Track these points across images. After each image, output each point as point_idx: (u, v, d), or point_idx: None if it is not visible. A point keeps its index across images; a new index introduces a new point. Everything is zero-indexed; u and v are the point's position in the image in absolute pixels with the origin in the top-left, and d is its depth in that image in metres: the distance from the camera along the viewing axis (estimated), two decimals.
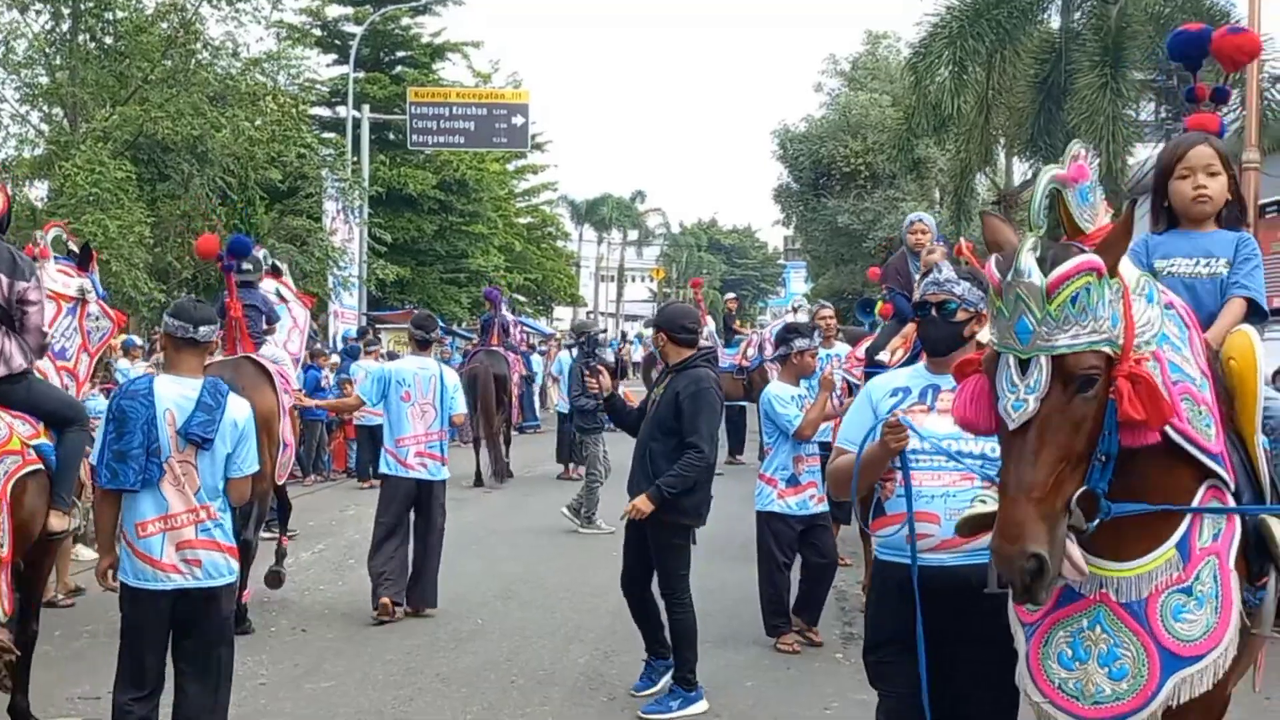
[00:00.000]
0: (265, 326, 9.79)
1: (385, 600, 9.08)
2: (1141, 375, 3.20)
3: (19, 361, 6.10)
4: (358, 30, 34.27)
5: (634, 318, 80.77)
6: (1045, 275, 3.18)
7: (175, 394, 5.51)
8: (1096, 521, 3.29)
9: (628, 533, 7.41)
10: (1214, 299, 4.05)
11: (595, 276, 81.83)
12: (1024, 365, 3.23)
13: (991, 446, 3.92)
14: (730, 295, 28.71)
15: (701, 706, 7.12)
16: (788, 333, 9.11)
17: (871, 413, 4.58)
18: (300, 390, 10.35)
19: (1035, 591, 3.19)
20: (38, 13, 22.58)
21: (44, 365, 6.70)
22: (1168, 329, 3.47)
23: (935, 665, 4.22)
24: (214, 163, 22.47)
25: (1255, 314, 4.07)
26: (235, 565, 5.66)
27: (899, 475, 4.41)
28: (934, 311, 4.62)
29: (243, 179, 23.88)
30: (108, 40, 22.98)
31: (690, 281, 26.50)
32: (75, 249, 7.60)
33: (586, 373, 7.83)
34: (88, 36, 22.65)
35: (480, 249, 38.08)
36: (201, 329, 5.64)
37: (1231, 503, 3.53)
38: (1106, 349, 3.22)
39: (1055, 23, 23.35)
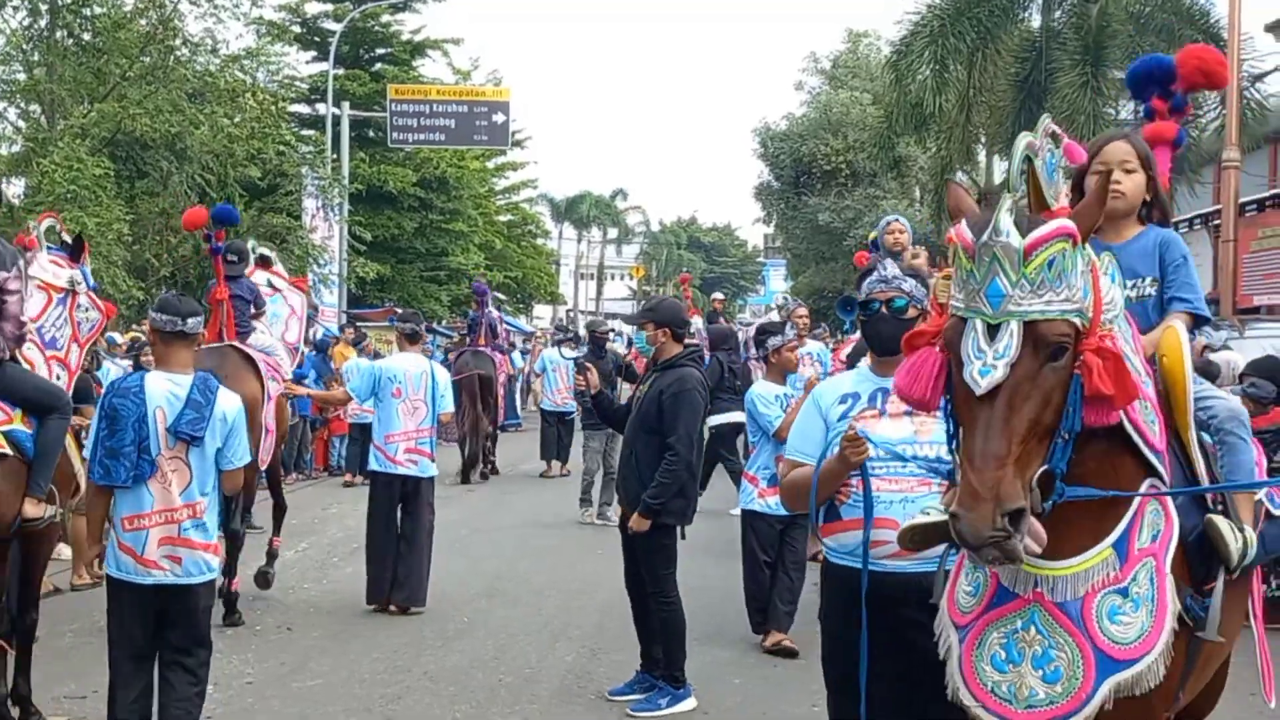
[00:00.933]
0: (253, 313, 9.79)
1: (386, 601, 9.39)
2: (1110, 350, 3.12)
3: None
4: (337, 27, 34.09)
5: (613, 315, 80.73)
6: (1023, 237, 3.09)
7: (166, 391, 5.57)
8: (1050, 504, 3.18)
9: (624, 532, 7.42)
10: (1145, 319, 3.89)
11: (575, 274, 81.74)
12: (992, 331, 3.10)
13: (946, 449, 3.73)
14: (717, 295, 28.74)
15: (690, 704, 7.12)
16: (761, 333, 9.17)
17: (821, 421, 4.52)
18: (290, 380, 10.29)
19: (1015, 550, 3.03)
20: (15, 9, 22.43)
21: (34, 355, 6.72)
22: (1120, 319, 3.43)
23: (898, 674, 4.18)
24: (193, 160, 22.34)
25: (1198, 322, 4.01)
26: (215, 562, 5.74)
27: (854, 481, 4.35)
28: (883, 309, 4.56)
29: (222, 176, 23.74)
30: (85, 36, 22.80)
31: (680, 277, 26.46)
32: (68, 240, 7.61)
33: (577, 371, 7.78)
34: (65, 33, 22.48)
35: (460, 247, 37.93)
36: (189, 321, 5.69)
37: (1171, 507, 3.46)
38: (1077, 320, 3.13)
39: (1036, 21, 23.48)
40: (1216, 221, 18.84)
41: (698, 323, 19.17)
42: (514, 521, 13.99)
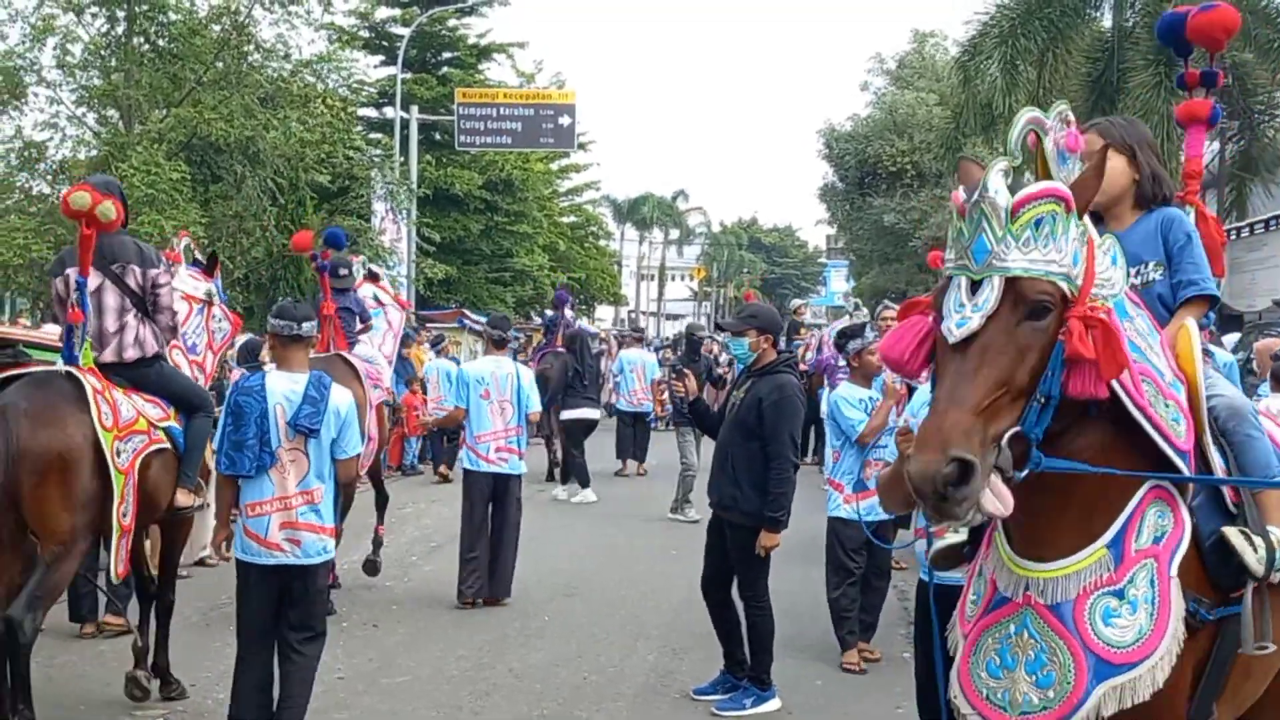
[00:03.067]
0: (359, 327, 10.20)
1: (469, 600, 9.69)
2: (1097, 320, 3.05)
3: (152, 345, 6.83)
4: (405, 32, 34.45)
5: (675, 316, 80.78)
6: (1012, 196, 3.09)
7: (285, 388, 6.14)
8: (1025, 472, 3.08)
9: (710, 537, 7.47)
10: (1154, 305, 3.76)
11: (636, 276, 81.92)
12: (975, 287, 3.10)
13: None
14: (798, 302, 28.73)
15: (774, 704, 7.19)
16: (842, 336, 9.11)
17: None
18: (393, 391, 10.87)
19: (952, 505, 2.92)
20: (94, 16, 22.85)
21: (178, 359, 7.36)
22: (1135, 319, 3.37)
23: None
24: (265, 164, 22.65)
25: (1211, 304, 3.90)
26: (332, 545, 6.26)
27: None
28: None
29: (293, 180, 24.09)
30: (161, 43, 23.11)
31: (744, 295, 26.58)
32: (201, 258, 8.26)
33: (674, 376, 7.83)
34: (142, 39, 22.82)
35: (525, 248, 38.22)
36: (304, 325, 6.29)
37: (1183, 509, 3.37)
38: (1063, 284, 3.09)
39: (1108, 21, 23.25)
40: None
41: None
42: (590, 520, 14.11)
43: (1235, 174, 23.68)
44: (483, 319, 28.30)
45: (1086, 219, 3.21)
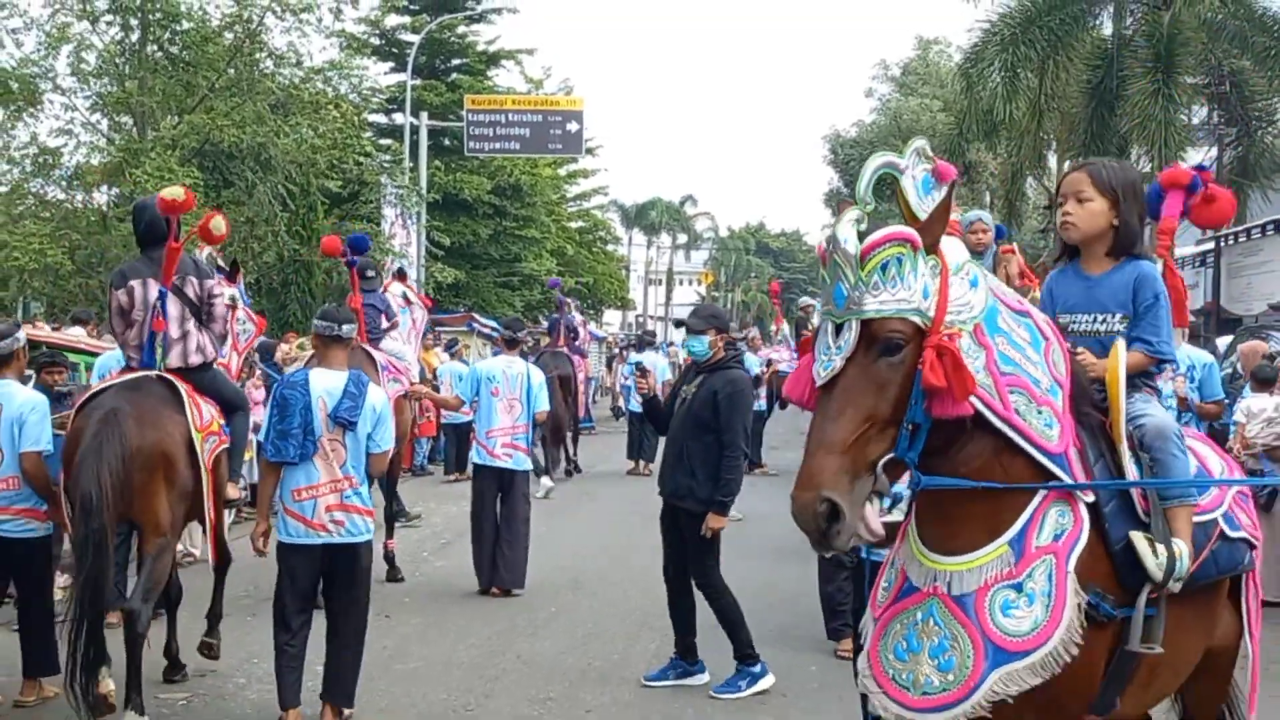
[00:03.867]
0: (385, 324, 10.68)
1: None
2: (948, 348, 3.28)
3: (210, 351, 7.41)
4: (415, 39, 34.77)
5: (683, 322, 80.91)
6: (859, 244, 3.35)
7: (326, 384, 6.70)
8: (907, 491, 3.42)
9: (664, 525, 7.81)
10: (1105, 353, 3.99)
11: (644, 280, 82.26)
12: (838, 330, 3.37)
13: None
14: (807, 300, 29.08)
15: (769, 680, 7.49)
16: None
17: None
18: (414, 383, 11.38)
19: (830, 538, 3.24)
20: (108, 24, 23.16)
21: None
22: (1015, 330, 3.57)
23: None
24: (277, 170, 22.96)
25: (1159, 364, 4.10)
26: (371, 525, 6.85)
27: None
28: None
29: (304, 185, 24.36)
30: (174, 50, 23.41)
31: (771, 286, 26.83)
32: (224, 265, 8.77)
33: (637, 373, 8.07)
34: (156, 47, 23.16)
35: (533, 253, 38.56)
36: (344, 327, 6.90)
37: (1082, 508, 3.60)
38: (915, 319, 3.33)
39: (1108, 29, 23.57)
40: None
41: (785, 330, 19.65)
42: (595, 518, 14.45)
43: (1233, 180, 23.94)
44: (492, 323, 28.69)
45: (950, 249, 3.48)
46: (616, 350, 31.41)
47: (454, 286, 34.39)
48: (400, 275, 12.02)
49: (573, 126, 33.17)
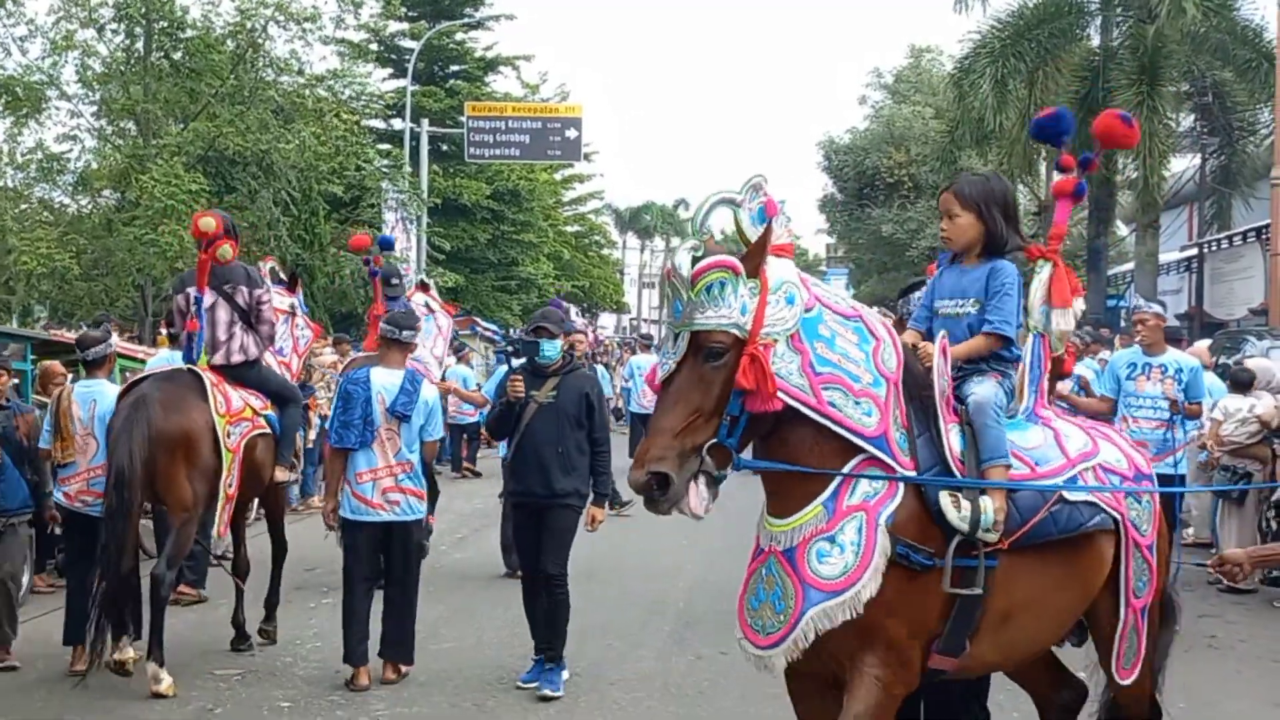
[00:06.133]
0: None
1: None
2: (758, 356, 3.99)
3: (254, 351, 8.33)
4: (414, 45, 35.20)
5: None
6: (690, 269, 4.06)
7: (385, 381, 7.71)
8: (728, 472, 4.12)
9: (523, 531, 7.97)
10: (965, 334, 4.73)
11: (638, 283, 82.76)
12: (676, 338, 4.12)
13: None
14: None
15: (566, 673, 7.78)
16: None
17: None
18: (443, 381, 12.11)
19: (658, 503, 4.04)
20: (114, 32, 23.57)
21: (270, 360, 8.69)
22: (841, 334, 4.22)
23: None
24: (279, 175, 23.32)
25: (1003, 342, 4.73)
26: (423, 506, 7.95)
27: None
28: None
29: (306, 191, 24.65)
30: (177, 57, 23.63)
31: None
32: (284, 276, 9.60)
33: (517, 374, 7.73)
34: (160, 54, 23.43)
35: (530, 257, 39.12)
36: (404, 333, 7.93)
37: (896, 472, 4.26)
38: (735, 331, 4.03)
39: (1095, 42, 24.08)
40: (1269, 235, 19.47)
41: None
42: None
43: (1215, 188, 24.59)
44: (493, 326, 29.18)
45: (775, 270, 4.13)
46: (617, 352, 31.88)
47: (453, 290, 34.83)
48: (423, 286, 12.59)
49: (571, 133, 33.73)
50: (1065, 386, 10.39)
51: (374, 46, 36.17)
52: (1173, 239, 28.96)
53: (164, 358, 9.85)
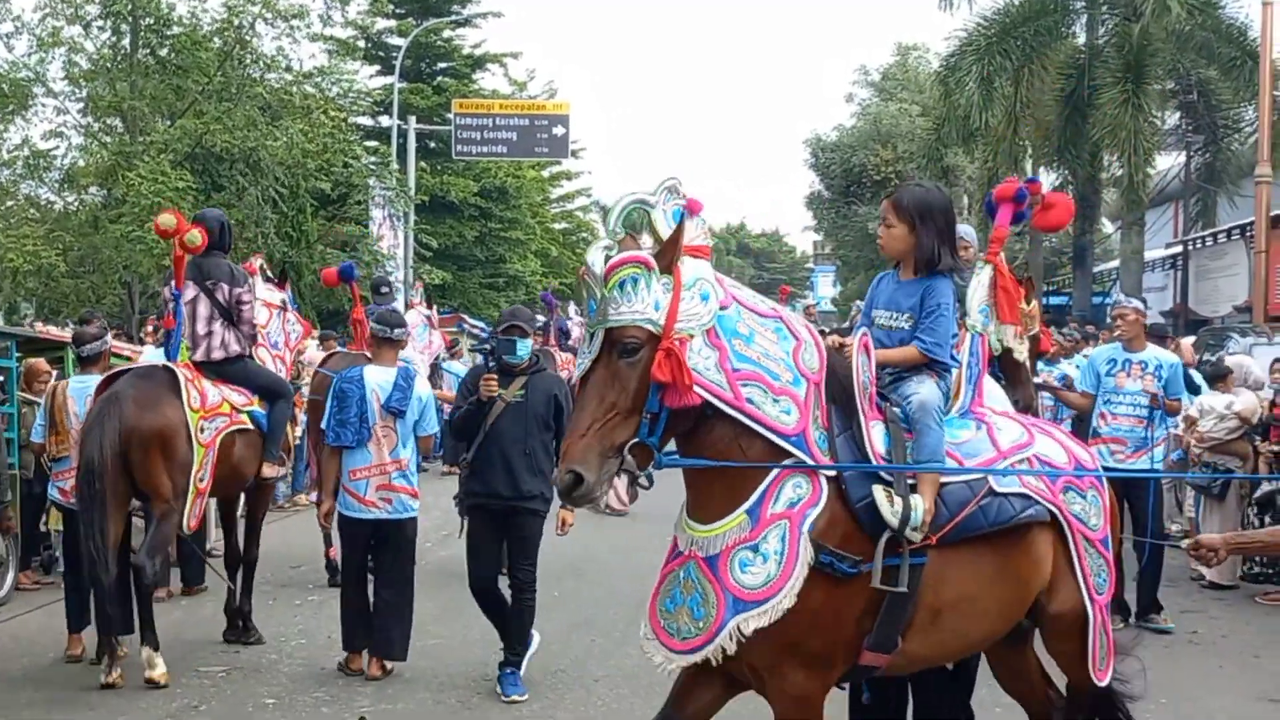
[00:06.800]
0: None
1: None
2: (674, 350, 3.95)
3: (236, 348, 8.35)
4: (402, 42, 35.13)
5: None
6: (603, 266, 4.05)
7: (379, 379, 7.84)
8: (650, 470, 4.08)
9: (484, 539, 7.66)
10: (892, 346, 4.67)
11: None
12: (593, 336, 4.09)
13: None
14: (808, 301, 29.70)
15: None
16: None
17: None
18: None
19: (576, 500, 4.03)
20: (100, 28, 23.51)
21: (264, 355, 8.79)
22: (761, 332, 4.20)
23: None
24: (266, 173, 23.23)
25: (936, 363, 4.62)
26: (416, 503, 8.02)
27: None
28: None
29: (293, 188, 24.60)
30: (162, 52, 23.66)
31: (780, 289, 27.37)
32: (272, 274, 9.71)
33: (486, 376, 7.50)
34: (147, 51, 23.42)
35: (518, 254, 39.04)
36: (395, 331, 8.10)
37: (821, 477, 4.20)
38: (649, 326, 4.00)
39: (1080, 40, 24.16)
40: (1253, 233, 19.56)
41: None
42: (584, 510, 15.00)
43: (1200, 186, 24.68)
44: (480, 323, 29.15)
45: (689, 269, 4.11)
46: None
47: (439, 288, 34.81)
48: (428, 303, 12.86)
49: (559, 131, 33.71)
50: (1051, 379, 10.45)
51: (361, 43, 36.17)
52: (1158, 236, 29.07)
53: (153, 355, 9.95)
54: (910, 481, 4.32)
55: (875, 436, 4.35)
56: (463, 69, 38.47)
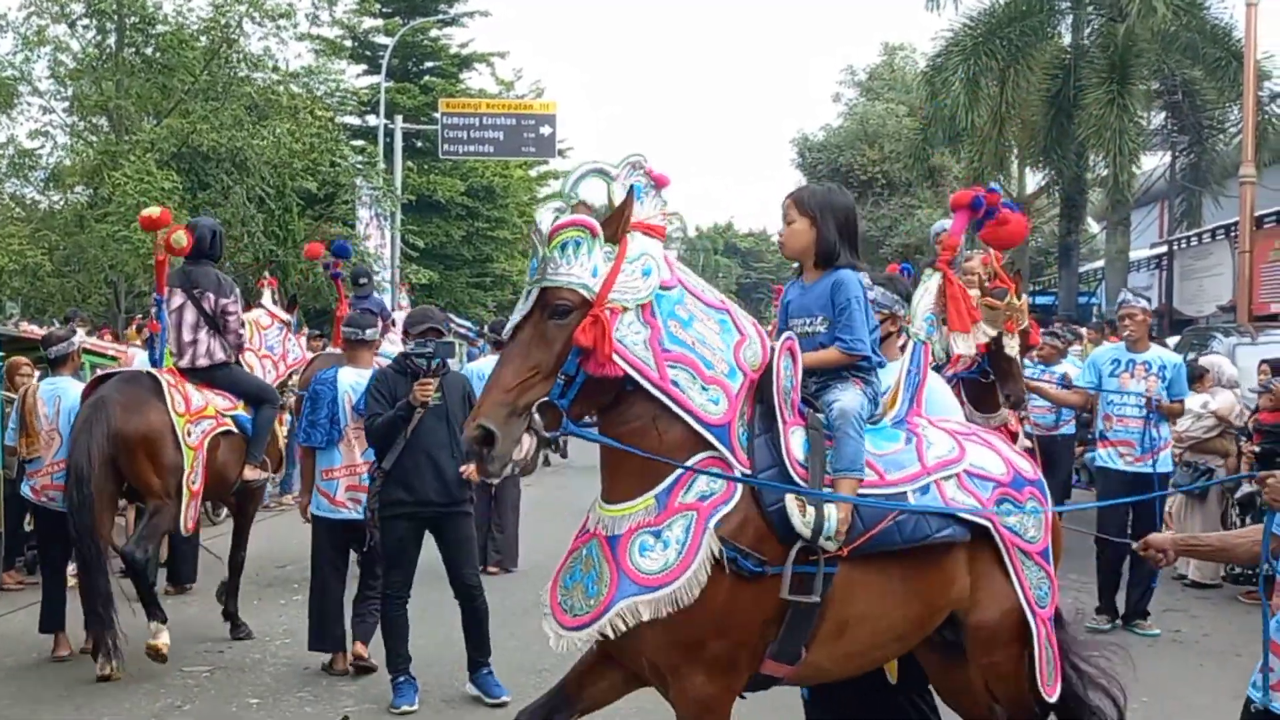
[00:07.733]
0: (381, 326, 11.27)
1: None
2: (601, 317, 3.89)
3: (221, 355, 8.48)
4: (389, 42, 35.11)
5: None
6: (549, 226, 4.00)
7: (351, 380, 7.83)
8: (559, 433, 4.01)
9: (409, 544, 7.44)
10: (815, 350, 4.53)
11: None
12: (529, 294, 4.03)
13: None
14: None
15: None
16: None
17: None
18: None
19: (485, 460, 3.86)
20: (86, 27, 23.45)
21: (252, 360, 8.97)
22: (702, 320, 4.15)
23: None
24: (253, 172, 23.24)
25: (861, 362, 4.51)
26: None
27: None
28: None
29: (280, 188, 24.59)
30: (148, 51, 23.70)
31: (775, 288, 27.47)
32: (282, 300, 10.09)
33: (431, 375, 7.26)
34: (133, 50, 23.43)
35: (505, 253, 39.07)
36: (367, 331, 8.06)
37: (737, 475, 4.10)
38: (583, 291, 3.93)
39: (1066, 40, 24.20)
40: (1237, 233, 19.64)
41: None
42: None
43: (1185, 186, 24.74)
44: (466, 323, 29.12)
45: (636, 244, 4.07)
46: None
47: (426, 287, 34.79)
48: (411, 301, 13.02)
49: (546, 130, 33.68)
50: (1048, 384, 10.39)
51: (348, 43, 36.19)
52: (1143, 236, 29.15)
53: (143, 356, 10.10)
54: (827, 489, 4.23)
55: (795, 442, 4.25)
56: (450, 68, 38.48)
